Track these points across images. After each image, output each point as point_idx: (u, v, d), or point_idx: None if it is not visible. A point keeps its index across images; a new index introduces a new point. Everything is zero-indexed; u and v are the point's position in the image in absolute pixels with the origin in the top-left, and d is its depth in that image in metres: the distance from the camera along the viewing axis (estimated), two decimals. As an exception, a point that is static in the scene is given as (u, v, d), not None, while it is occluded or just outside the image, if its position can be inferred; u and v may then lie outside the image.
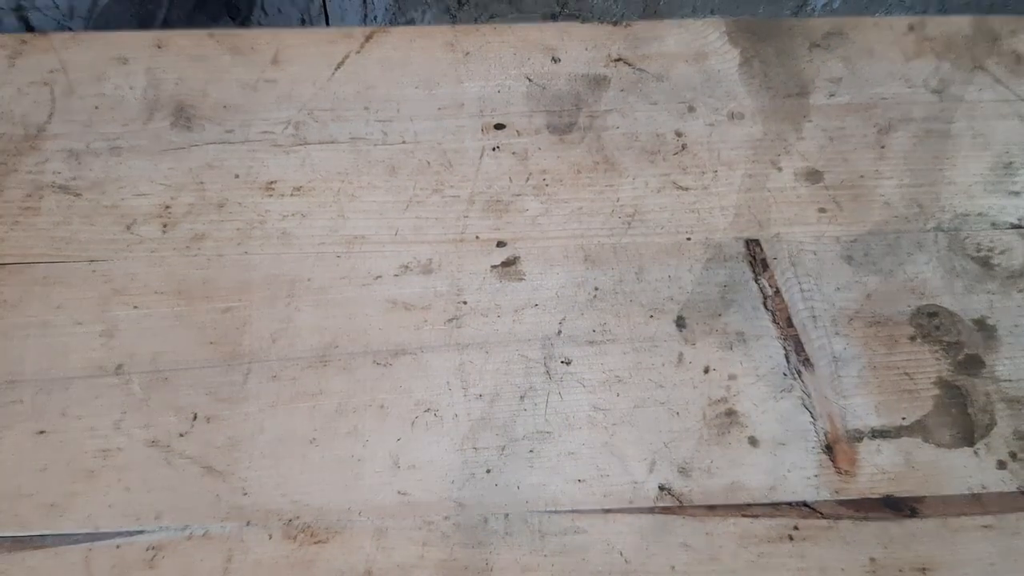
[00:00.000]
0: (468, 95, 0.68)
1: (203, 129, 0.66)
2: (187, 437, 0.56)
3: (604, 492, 0.56)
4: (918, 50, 0.71)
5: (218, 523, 0.54)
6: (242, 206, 0.63)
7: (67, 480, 0.55)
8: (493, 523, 0.54)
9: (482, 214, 0.63)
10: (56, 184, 0.63)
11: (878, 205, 0.65)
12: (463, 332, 0.60)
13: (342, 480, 0.55)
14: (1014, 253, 0.64)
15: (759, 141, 0.67)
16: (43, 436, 0.56)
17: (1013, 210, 0.65)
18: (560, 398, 0.58)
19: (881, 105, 0.69)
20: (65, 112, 0.66)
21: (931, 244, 0.64)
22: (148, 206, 0.63)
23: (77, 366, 0.58)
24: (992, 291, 0.63)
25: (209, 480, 0.55)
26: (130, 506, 0.54)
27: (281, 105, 0.67)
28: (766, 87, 0.69)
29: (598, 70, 0.69)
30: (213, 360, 0.58)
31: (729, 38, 0.71)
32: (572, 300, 0.61)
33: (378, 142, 0.66)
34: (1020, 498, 0.56)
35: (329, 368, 0.58)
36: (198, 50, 0.69)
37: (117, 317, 0.59)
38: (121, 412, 0.56)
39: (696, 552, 0.54)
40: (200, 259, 0.61)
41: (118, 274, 0.61)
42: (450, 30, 0.71)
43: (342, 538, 0.54)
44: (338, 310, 0.60)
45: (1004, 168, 0.67)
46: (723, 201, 0.64)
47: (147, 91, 0.67)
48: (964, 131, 0.68)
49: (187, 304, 0.60)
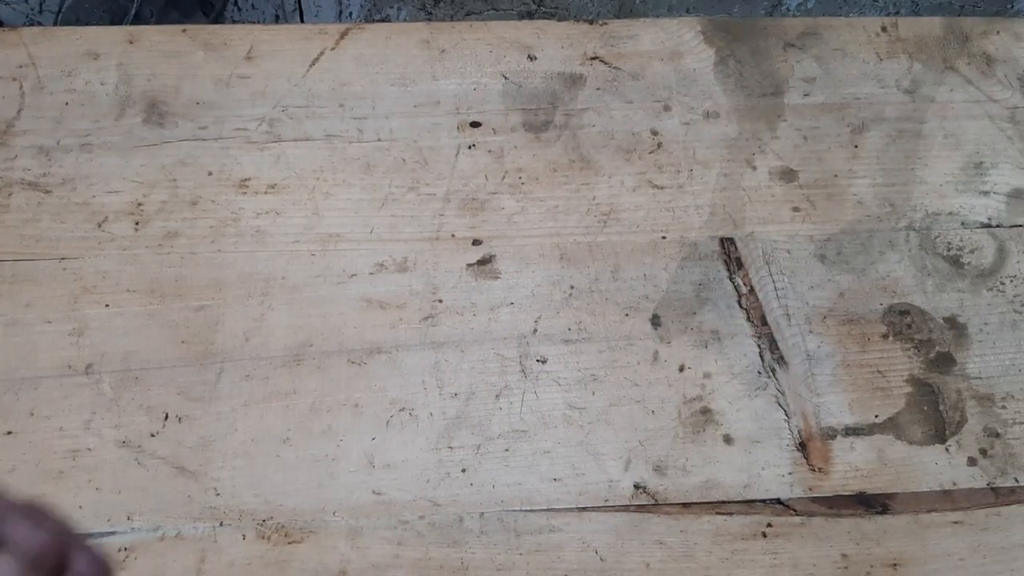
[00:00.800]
0: (444, 92, 0.68)
1: (176, 126, 0.65)
2: (159, 437, 0.55)
3: (579, 491, 0.56)
4: (891, 50, 0.72)
5: (191, 524, 0.53)
6: (216, 203, 0.62)
7: (36, 481, 0.54)
8: (468, 522, 0.54)
9: (458, 212, 0.63)
10: (25, 181, 0.62)
11: (851, 204, 0.66)
12: (438, 331, 0.59)
13: (316, 480, 0.55)
14: (984, 252, 0.65)
15: (734, 140, 0.67)
16: (11, 436, 0.55)
17: (983, 209, 0.66)
18: (536, 397, 0.58)
19: (854, 105, 0.69)
20: (34, 108, 0.65)
21: (903, 243, 0.65)
22: (120, 203, 0.62)
23: (46, 365, 0.57)
24: (962, 290, 0.63)
25: (181, 480, 0.54)
26: (101, 507, 0.54)
27: (255, 102, 0.66)
28: (741, 86, 0.69)
29: (574, 68, 0.69)
30: (185, 359, 0.58)
31: (704, 37, 0.71)
32: (548, 299, 0.61)
33: (353, 139, 0.65)
34: (990, 494, 0.57)
35: (303, 367, 0.58)
36: (171, 46, 0.68)
37: (87, 316, 0.58)
38: (91, 412, 0.56)
39: (671, 549, 0.54)
40: (173, 257, 0.61)
41: (89, 272, 0.60)
42: (426, 27, 0.70)
43: (316, 538, 0.53)
44: (312, 309, 0.60)
45: (975, 168, 0.68)
46: (698, 200, 0.65)
47: (119, 87, 0.66)
48: (935, 131, 0.69)
49: (159, 303, 0.59)
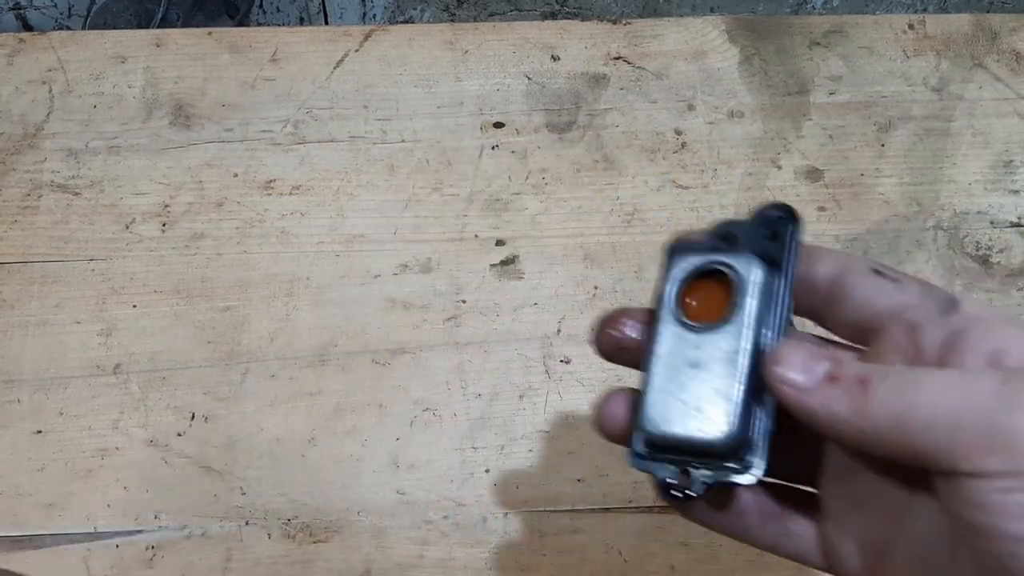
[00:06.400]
0: (467, 93, 0.68)
1: (202, 128, 0.66)
2: (185, 436, 0.56)
3: (603, 491, 0.55)
4: (918, 48, 0.71)
5: (217, 523, 0.54)
6: (241, 205, 0.63)
7: (65, 480, 0.55)
8: (492, 522, 0.54)
9: (481, 213, 0.63)
10: (55, 183, 0.63)
11: (878, 203, 0.65)
12: (462, 331, 0.60)
13: (341, 479, 0.55)
14: (1013, 252, 0.64)
15: (759, 139, 0.67)
16: (41, 436, 0.56)
17: (1012, 208, 0.65)
18: (559, 397, 0.58)
19: (881, 103, 0.68)
20: (63, 111, 0.66)
21: (930, 242, 0.64)
22: (147, 205, 0.63)
23: (75, 365, 0.58)
24: (991, 289, 0.62)
25: (207, 479, 0.55)
26: (129, 506, 0.54)
27: (280, 104, 0.67)
28: (766, 85, 0.69)
29: (597, 68, 0.69)
30: (211, 359, 0.58)
31: (729, 36, 0.71)
32: (571, 299, 0.61)
33: (377, 141, 0.66)
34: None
35: (328, 367, 0.58)
36: (197, 49, 0.68)
37: (115, 316, 0.59)
38: (119, 411, 0.56)
39: (695, 551, 0.54)
40: (199, 258, 0.61)
41: (117, 273, 0.60)
42: (449, 28, 0.71)
43: (341, 537, 0.54)
44: (337, 309, 0.60)
45: (1004, 166, 0.67)
46: (723, 200, 0.64)
47: (146, 90, 0.67)
48: (964, 129, 0.68)
49: (186, 303, 0.60)
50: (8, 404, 0.56)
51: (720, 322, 0.30)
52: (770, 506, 0.33)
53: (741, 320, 0.30)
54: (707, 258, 0.31)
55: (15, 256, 0.61)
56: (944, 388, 0.26)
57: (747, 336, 0.30)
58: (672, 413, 0.30)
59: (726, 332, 0.30)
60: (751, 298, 0.30)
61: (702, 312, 0.31)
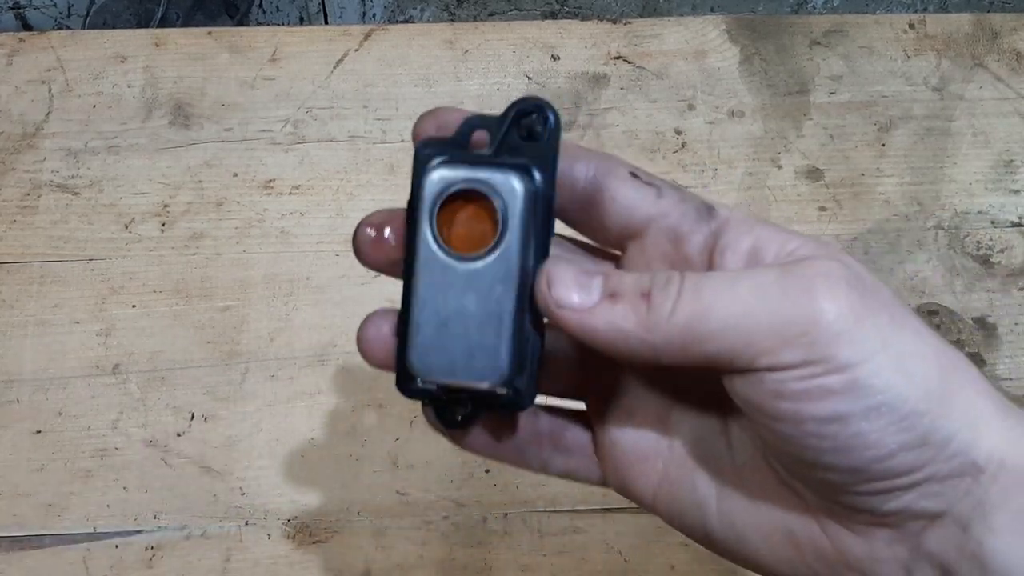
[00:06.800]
0: (467, 93, 0.68)
1: (201, 127, 0.65)
2: (185, 437, 0.56)
3: (603, 491, 0.55)
4: (918, 48, 0.71)
5: (216, 523, 0.54)
6: (240, 204, 0.63)
7: (65, 480, 0.54)
8: (492, 523, 0.54)
9: (481, 212, 0.63)
10: (54, 183, 0.63)
11: (878, 203, 0.65)
12: (462, 331, 0.59)
13: (340, 480, 0.55)
14: (1014, 251, 0.64)
15: (759, 139, 0.67)
16: (40, 436, 0.56)
17: (1013, 208, 0.65)
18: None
19: (881, 103, 0.68)
20: (63, 111, 0.66)
21: (931, 242, 0.64)
22: (146, 205, 0.63)
23: (75, 365, 0.57)
24: (992, 289, 0.62)
25: (207, 480, 0.55)
26: (128, 506, 0.54)
27: (279, 103, 0.67)
28: (766, 85, 0.69)
29: (597, 68, 0.69)
30: (211, 359, 0.58)
31: (729, 35, 0.71)
32: (571, 299, 0.61)
33: (377, 140, 0.66)
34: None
35: (327, 367, 0.58)
36: (196, 48, 0.68)
37: (115, 316, 0.59)
38: (119, 412, 0.56)
39: (697, 551, 0.54)
40: (198, 258, 0.61)
41: (116, 273, 0.60)
42: (449, 28, 0.70)
43: (341, 538, 0.54)
44: (336, 309, 0.60)
45: (1004, 166, 0.67)
46: (723, 199, 0.64)
47: (145, 89, 0.67)
48: (964, 129, 0.68)
49: (185, 303, 0.60)
50: (7, 404, 0.56)
51: (483, 251, 0.28)
52: (543, 426, 0.33)
53: (506, 248, 0.27)
54: (463, 174, 0.28)
55: (14, 256, 0.61)
56: (728, 290, 0.25)
57: (514, 263, 0.27)
58: (441, 355, 0.28)
59: (490, 261, 0.27)
60: (514, 220, 0.27)
61: (463, 238, 0.28)
